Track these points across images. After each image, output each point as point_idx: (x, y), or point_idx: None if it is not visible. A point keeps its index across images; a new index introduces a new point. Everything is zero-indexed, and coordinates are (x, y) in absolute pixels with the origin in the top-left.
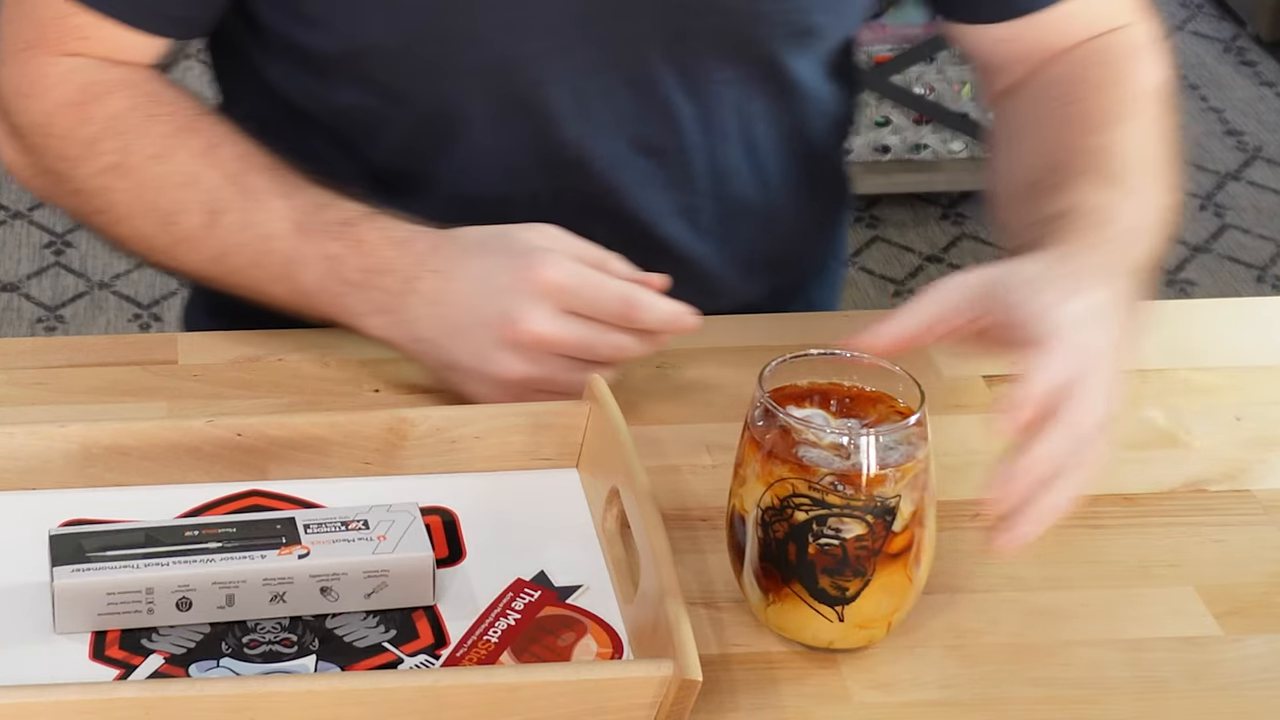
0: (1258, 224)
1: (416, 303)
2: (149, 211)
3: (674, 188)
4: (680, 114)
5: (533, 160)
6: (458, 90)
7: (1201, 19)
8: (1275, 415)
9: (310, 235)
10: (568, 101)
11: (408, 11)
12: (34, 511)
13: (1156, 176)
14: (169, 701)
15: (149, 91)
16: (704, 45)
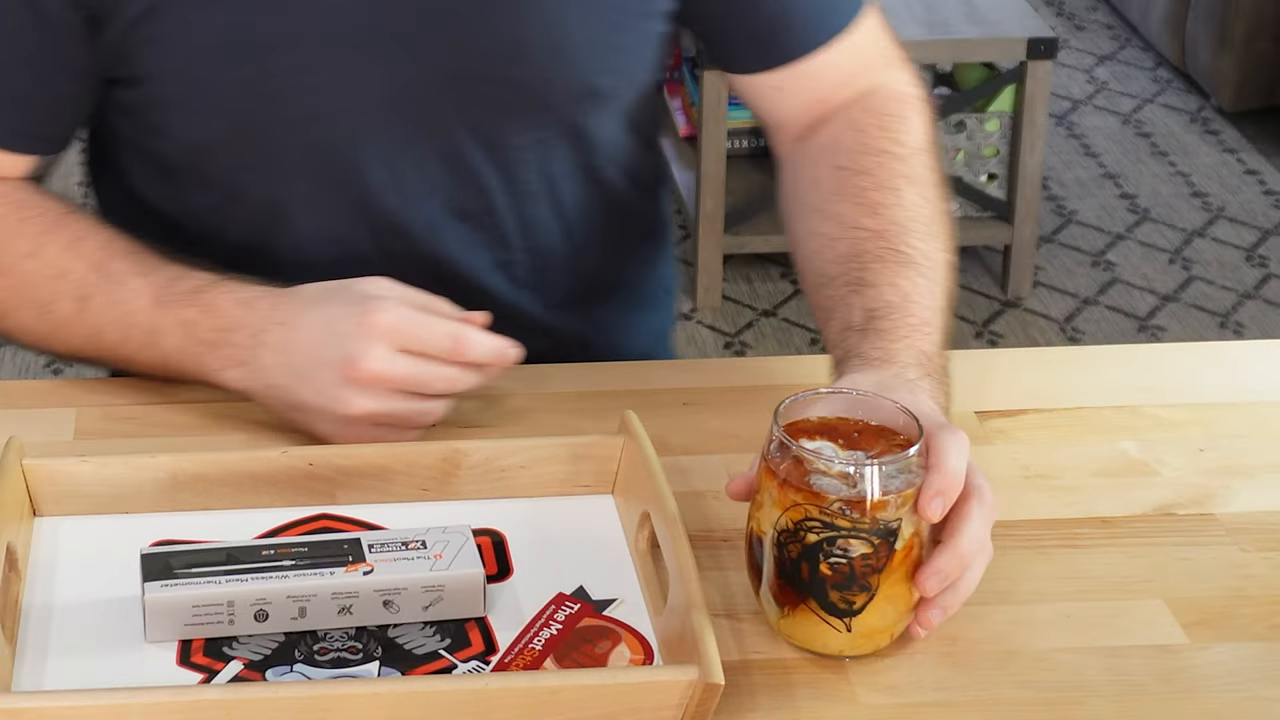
0: (1221, 276)
1: (265, 354)
2: (27, 304)
3: (488, 246)
4: (487, 179)
5: (359, 231)
6: (286, 175)
7: (1170, 92)
8: (1237, 447)
9: (167, 306)
10: (384, 176)
11: (234, 112)
12: (127, 533)
13: (939, 242)
14: (248, 703)
15: (17, 199)
16: (501, 114)
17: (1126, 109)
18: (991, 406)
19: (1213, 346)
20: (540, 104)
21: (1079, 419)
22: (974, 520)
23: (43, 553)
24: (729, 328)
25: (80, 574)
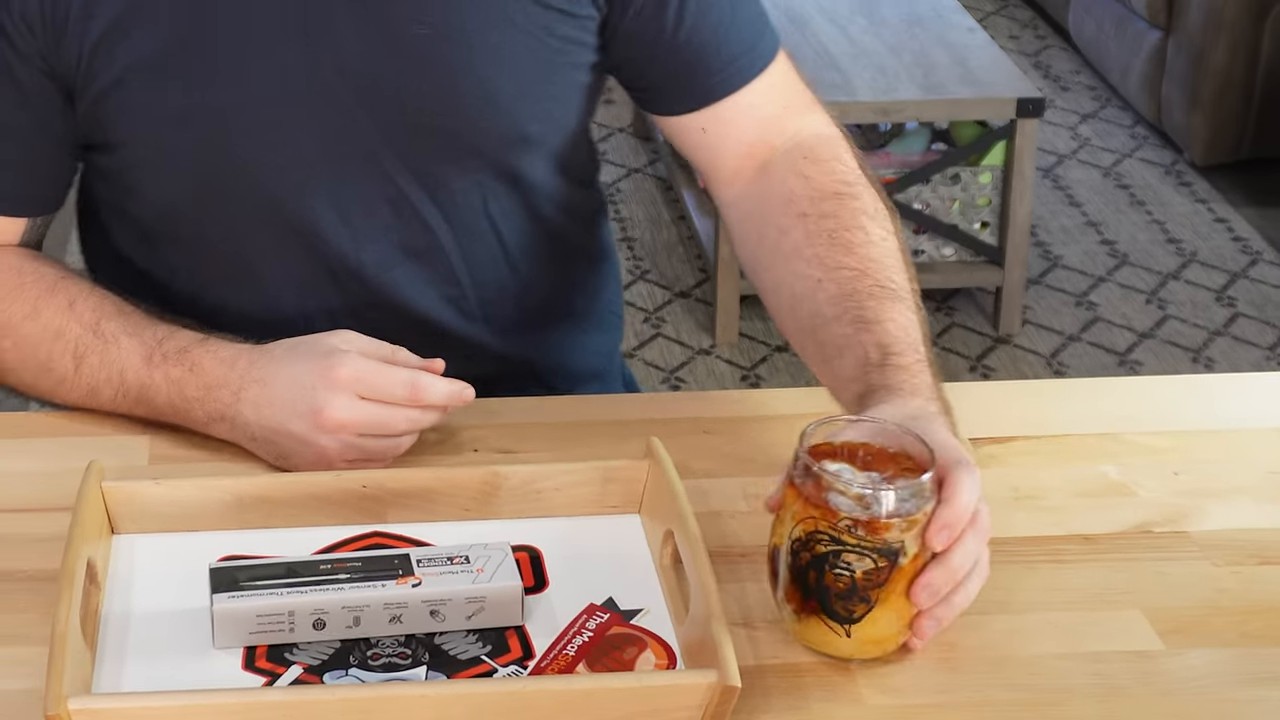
0: (1193, 315)
1: (245, 409)
2: (29, 363)
3: (437, 282)
4: (432, 220)
5: (320, 276)
6: (248, 229)
7: (1147, 148)
8: (1208, 471)
9: (156, 365)
10: (336, 222)
11: (196, 173)
12: (196, 549)
13: (909, 271)
14: (307, 704)
15: (16, 266)
16: (440, 160)
17: (1107, 163)
18: (984, 434)
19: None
20: (475, 150)
21: (1064, 445)
22: (967, 540)
23: (120, 567)
24: (745, 362)
25: (154, 586)
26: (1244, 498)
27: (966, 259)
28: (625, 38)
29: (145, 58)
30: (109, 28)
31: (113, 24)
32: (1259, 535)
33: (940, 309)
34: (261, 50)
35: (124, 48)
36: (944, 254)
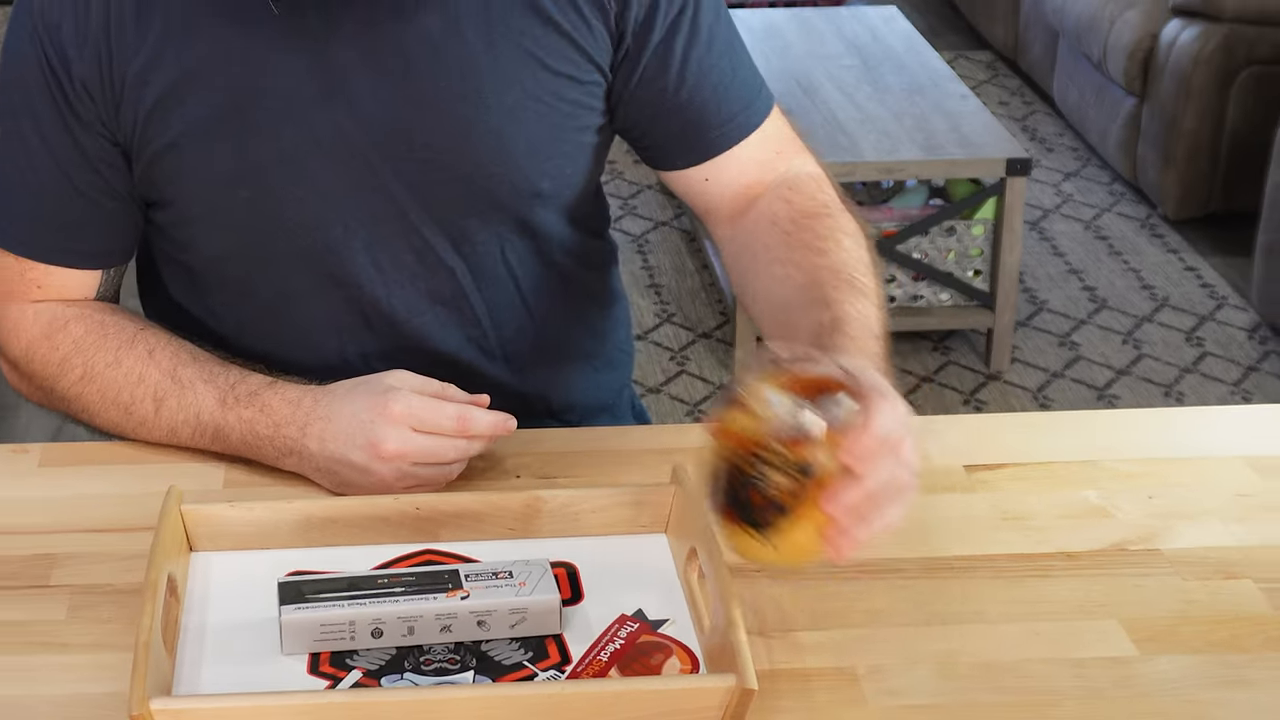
0: (1165, 354)
1: (310, 444)
2: (113, 406)
3: (461, 325)
4: (455, 269)
5: (355, 320)
6: (290, 277)
7: (1124, 203)
8: (1179, 495)
9: (229, 407)
10: (370, 271)
11: (242, 226)
12: (266, 565)
13: (876, 283)
14: (366, 705)
15: (98, 319)
16: (462, 214)
17: (1088, 216)
18: (977, 461)
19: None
20: (492, 205)
21: (1049, 471)
22: (881, 463)
23: (197, 581)
24: None
25: (228, 599)
26: (1211, 519)
27: (961, 303)
28: (630, 102)
29: (196, 123)
30: (162, 95)
31: (166, 92)
32: (1225, 552)
33: (936, 349)
34: (297, 113)
35: (177, 114)
36: (940, 299)
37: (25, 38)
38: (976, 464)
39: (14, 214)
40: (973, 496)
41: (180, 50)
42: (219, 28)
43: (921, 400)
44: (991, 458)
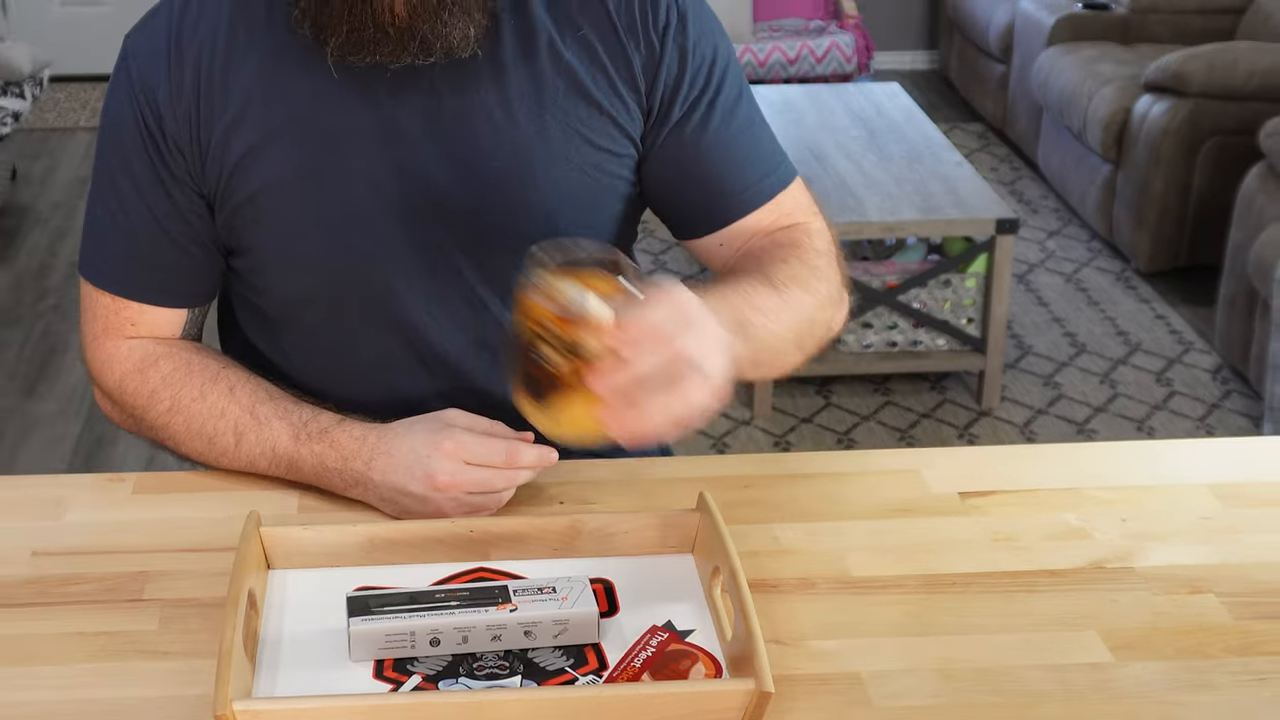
0: (1138, 393)
1: (374, 475)
2: (197, 437)
3: (506, 370)
4: (503, 320)
5: (411, 361)
6: (353, 321)
7: (1101, 259)
8: (1150, 519)
9: (302, 442)
10: (425, 317)
11: (312, 274)
12: (336, 582)
13: (812, 297)
14: (425, 707)
15: (184, 357)
16: (507, 269)
17: (1069, 270)
18: (970, 489)
19: (1132, 445)
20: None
21: (1035, 498)
22: (647, 350)
23: (274, 596)
24: (777, 431)
25: (302, 611)
26: (1179, 540)
27: (955, 348)
28: (652, 173)
29: (273, 179)
30: (244, 155)
31: (247, 151)
32: (1191, 570)
33: (934, 388)
34: (364, 174)
35: (255, 171)
36: (937, 344)
37: (124, 99)
38: (970, 491)
39: (111, 257)
40: (967, 520)
41: (261, 113)
42: (295, 94)
43: (920, 434)
44: (983, 486)
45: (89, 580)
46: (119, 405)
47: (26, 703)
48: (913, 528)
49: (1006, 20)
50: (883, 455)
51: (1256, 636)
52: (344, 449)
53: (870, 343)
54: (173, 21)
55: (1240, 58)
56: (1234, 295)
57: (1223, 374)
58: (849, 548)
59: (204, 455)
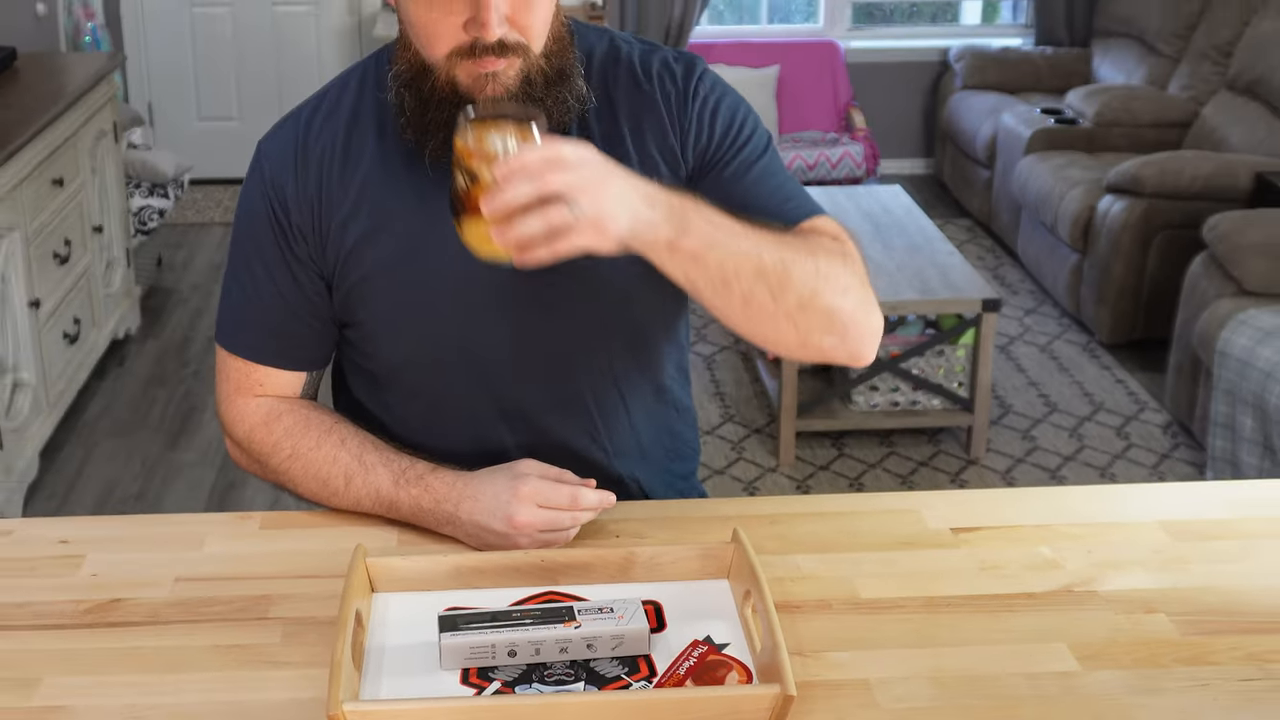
0: (1101, 445)
1: (462, 515)
2: (313, 480)
3: (579, 425)
4: (578, 382)
5: (495, 416)
6: (448, 383)
7: (1070, 332)
8: (1111, 550)
9: (401, 486)
10: (510, 380)
11: (414, 343)
12: (429, 603)
13: (801, 256)
14: (504, 708)
15: (303, 413)
16: (583, 341)
17: (1043, 342)
18: (961, 525)
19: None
20: (608, 339)
21: (1015, 533)
22: (521, 178)
23: (377, 615)
24: (799, 476)
25: (400, 628)
26: (1135, 568)
27: (948, 407)
28: None
29: (381, 263)
30: (358, 241)
31: (360, 239)
32: (1145, 593)
33: (930, 441)
34: (458, 259)
35: (367, 256)
36: (933, 404)
37: (257, 194)
38: (960, 527)
39: (243, 328)
40: (958, 551)
41: (371, 208)
42: (398, 191)
43: (918, 479)
44: (972, 523)
45: (223, 602)
46: (247, 453)
47: (172, 705)
48: (913, 558)
49: (990, 133)
50: (887, 497)
51: (1201, 649)
52: (437, 493)
53: (877, 403)
54: (299, 131)
55: (1186, 165)
56: (1181, 363)
57: (1172, 429)
58: (859, 574)
59: (318, 496)
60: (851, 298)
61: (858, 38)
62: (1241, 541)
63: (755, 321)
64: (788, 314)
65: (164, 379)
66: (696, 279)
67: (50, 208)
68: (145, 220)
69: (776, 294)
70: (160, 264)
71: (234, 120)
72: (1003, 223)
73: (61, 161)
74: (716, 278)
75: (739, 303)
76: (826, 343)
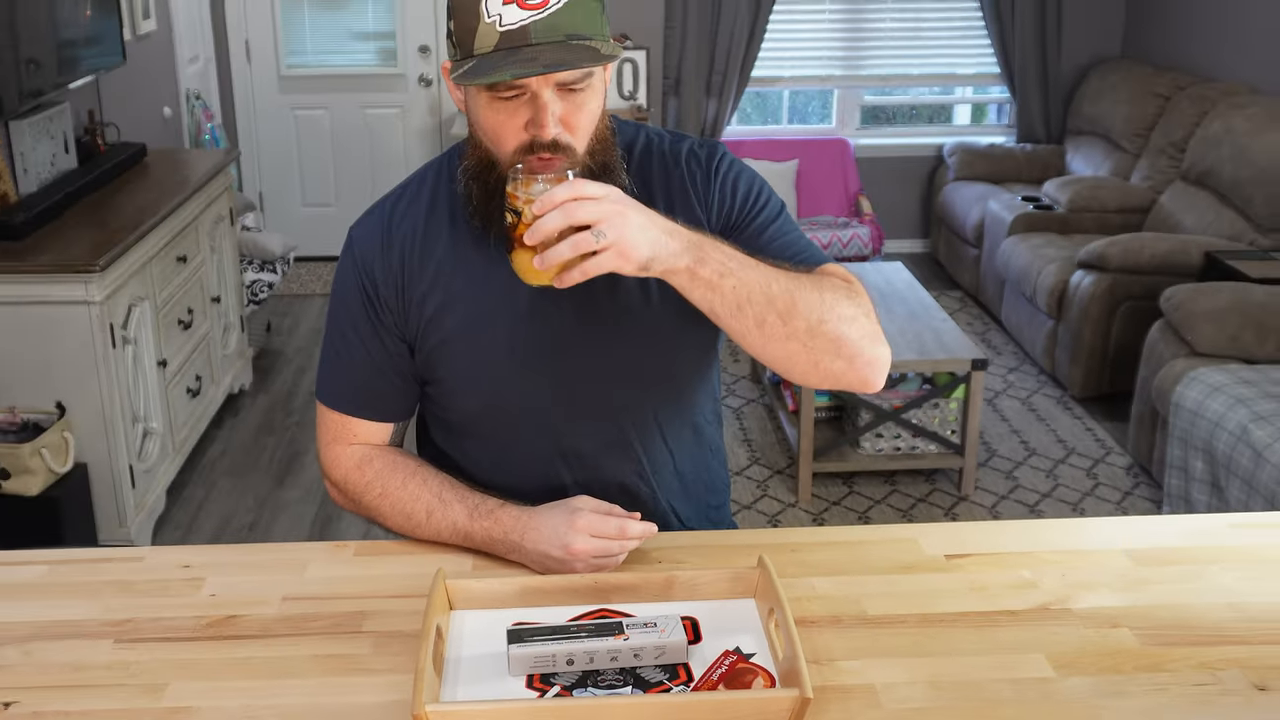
0: (1073, 483)
1: (526, 544)
2: (399, 515)
3: (626, 464)
4: (624, 425)
5: (554, 456)
6: (513, 429)
7: (1047, 388)
8: (1082, 573)
9: (475, 520)
10: (566, 425)
11: (484, 396)
12: (499, 619)
13: (823, 281)
14: (564, 709)
15: (391, 458)
16: (629, 391)
17: (1023, 396)
18: (953, 553)
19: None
20: (652, 389)
21: (999, 559)
22: (551, 216)
23: (455, 629)
24: (815, 510)
25: (474, 640)
26: (1103, 589)
27: (942, 451)
28: None
29: (456, 329)
30: (435, 311)
31: (437, 309)
32: (1112, 611)
33: (926, 480)
34: (522, 326)
35: (444, 323)
36: (929, 449)
37: (349, 272)
38: (953, 554)
39: (339, 386)
40: (951, 574)
41: (447, 282)
42: (468, 269)
43: (917, 513)
44: (962, 550)
45: (323, 618)
46: (344, 493)
47: (279, 706)
48: (912, 580)
49: (979, 217)
50: (890, 528)
51: (1158, 658)
52: (505, 525)
53: (881, 448)
54: (385, 219)
55: (1146, 245)
56: (1142, 414)
57: (1133, 471)
58: (866, 594)
59: (404, 529)
60: (857, 328)
61: (865, 136)
62: (1193, 566)
63: (770, 344)
64: (798, 338)
65: (272, 428)
66: (714, 303)
67: (176, 281)
68: (256, 292)
69: (785, 318)
70: (269, 329)
71: (332, 206)
72: (989, 294)
73: (185, 242)
74: (731, 302)
75: (753, 325)
76: (836, 367)
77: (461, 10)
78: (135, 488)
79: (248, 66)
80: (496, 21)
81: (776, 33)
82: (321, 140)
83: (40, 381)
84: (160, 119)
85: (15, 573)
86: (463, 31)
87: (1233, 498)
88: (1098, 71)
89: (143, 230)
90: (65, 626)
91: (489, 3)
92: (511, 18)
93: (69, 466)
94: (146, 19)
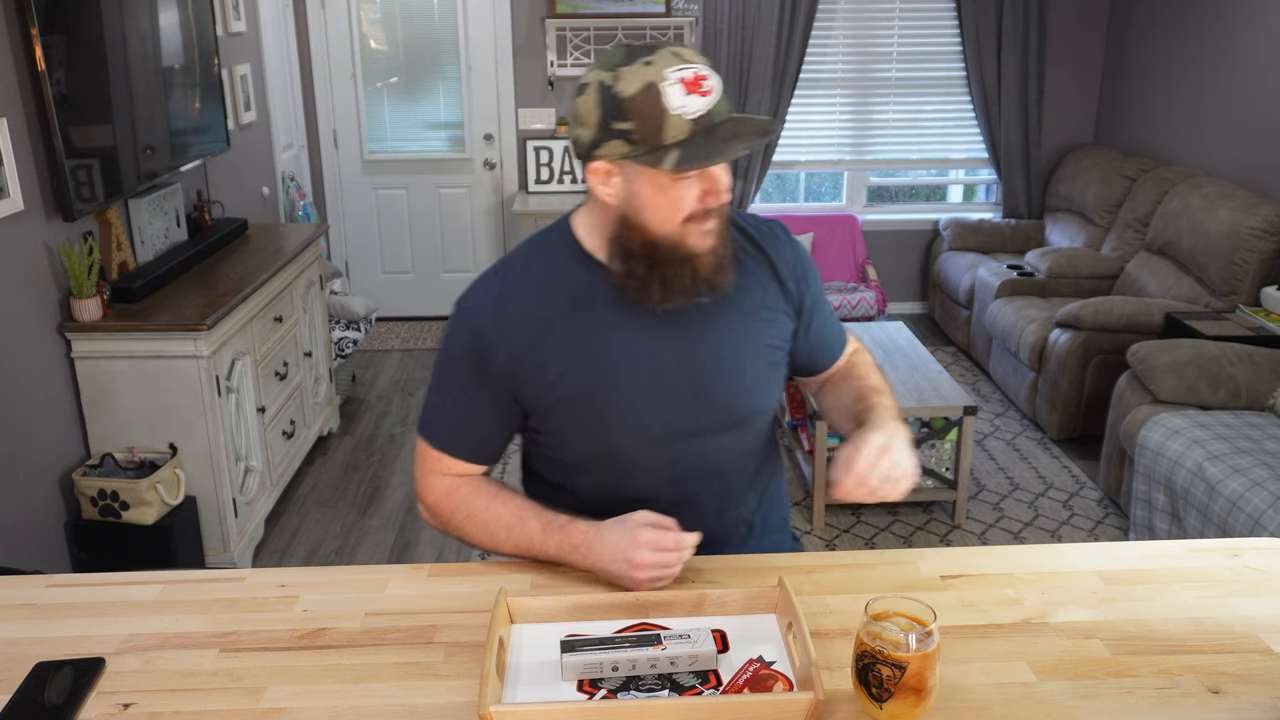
0: (1051, 514)
1: (594, 556)
2: (483, 533)
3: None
4: (705, 461)
5: (658, 485)
6: (610, 465)
7: (1029, 431)
8: (1059, 591)
9: (548, 535)
10: (654, 461)
11: (586, 441)
12: (554, 631)
13: (885, 386)
14: (610, 710)
15: (479, 484)
16: (712, 428)
17: (1009, 438)
18: (947, 574)
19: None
20: (728, 422)
21: (987, 580)
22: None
23: (515, 640)
24: (828, 537)
25: (532, 650)
26: (1077, 605)
27: (938, 486)
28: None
29: (570, 392)
30: (552, 376)
31: (555, 375)
32: (1084, 624)
33: (924, 511)
34: (629, 383)
35: (561, 386)
36: (927, 484)
37: (459, 340)
38: (947, 575)
39: (440, 428)
40: (946, 593)
41: (562, 351)
42: (582, 336)
43: (916, 540)
44: (955, 571)
45: (400, 630)
46: (435, 515)
47: (363, 707)
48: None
49: (969, 283)
50: (893, 553)
51: (1125, 665)
52: (574, 539)
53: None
54: (496, 291)
55: (1115, 306)
56: (1111, 453)
57: (1104, 503)
58: None
59: (486, 544)
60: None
61: (871, 212)
62: (1156, 585)
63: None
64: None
65: (357, 465)
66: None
67: (273, 338)
68: (343, 348)
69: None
70: (354, 380)
71: (409, 273)
72: (979, 349)
73: (281, 304)
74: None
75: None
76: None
77: (641, 112)
78: (238, 517)
79: (335, 152)
80: (683, 112)
81: (794, 123)
82: (399, 215)
83: (156, 425)
84: (259, 197)
85: (134, 591)
86: (648, 129)
87: (1190, 526)
88: (1073, 156)
89: (244, 294)
90: (177, 638)
91: (670, 98)
92: (696, 106)
93: (180, 499)
94: (248, 110)
